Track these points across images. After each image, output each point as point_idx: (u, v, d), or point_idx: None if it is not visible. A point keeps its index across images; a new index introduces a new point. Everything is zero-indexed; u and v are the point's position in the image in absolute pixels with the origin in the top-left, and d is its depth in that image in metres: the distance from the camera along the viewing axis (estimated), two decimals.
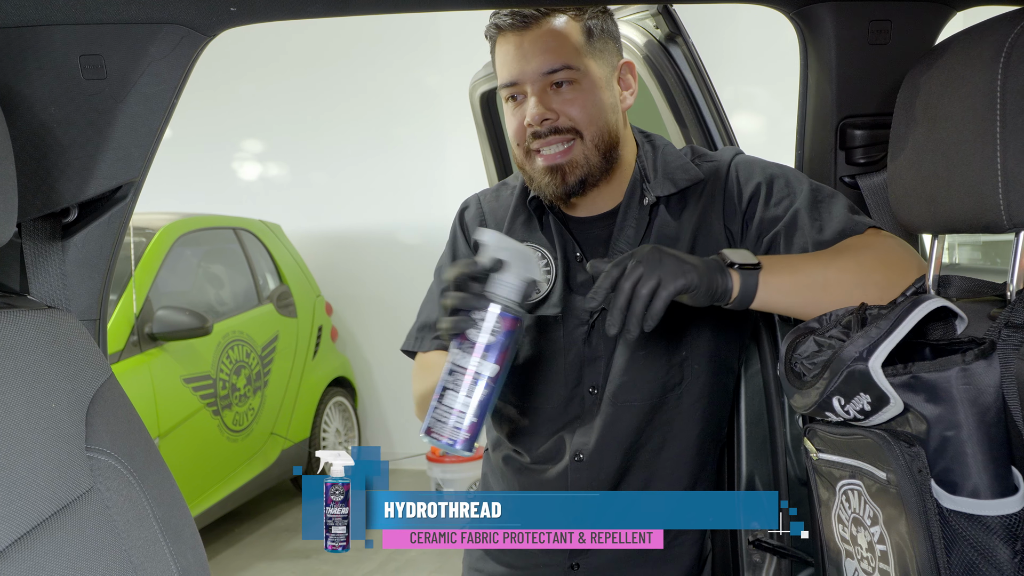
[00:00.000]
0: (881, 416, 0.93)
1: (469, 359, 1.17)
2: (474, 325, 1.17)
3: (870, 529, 0.98)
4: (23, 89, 1.25)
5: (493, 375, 1.17)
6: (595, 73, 1.39)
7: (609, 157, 1.41)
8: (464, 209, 1.60)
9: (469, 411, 1.17)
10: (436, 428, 1.19)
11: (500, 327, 1.16)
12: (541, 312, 1.46)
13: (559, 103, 1.37)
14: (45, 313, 1.17)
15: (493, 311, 1.17)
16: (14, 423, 1.01)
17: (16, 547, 0.94)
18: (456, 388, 1.17)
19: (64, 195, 1.30)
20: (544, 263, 1.47)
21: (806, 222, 1.30)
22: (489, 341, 1.16)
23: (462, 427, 1.17)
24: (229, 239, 5.04)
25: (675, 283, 1.09)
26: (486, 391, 1.17)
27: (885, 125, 1.25)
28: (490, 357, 1.17)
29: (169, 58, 1.27)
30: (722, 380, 1.48)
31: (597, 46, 1.40)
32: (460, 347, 1.18)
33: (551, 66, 1.36)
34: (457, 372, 1.18)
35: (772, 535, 1.60)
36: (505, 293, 1.18)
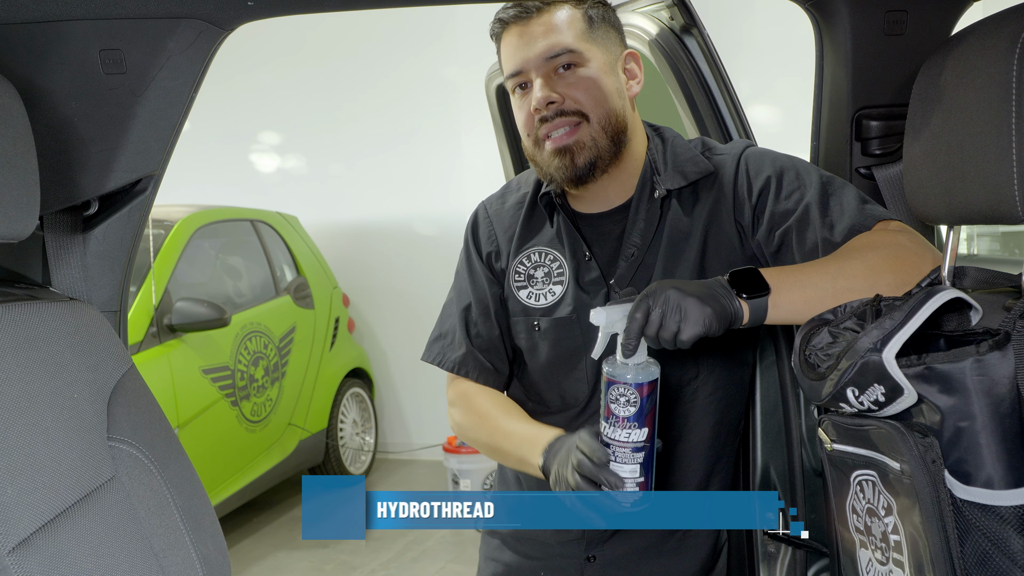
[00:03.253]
0: (895, 407, 0.93)
1: (620, 432, 1.18)
2: (614, 402, 1.18)
3: (884, 519, 0.99)
4: (44, 84, 1.26)
5: (647, 437, 1.18)
6: (599, 59, 1.40)
7: (617, 141, 1.41)
8: (475, 224, 1.60)
9: (637, 474, 1.19)
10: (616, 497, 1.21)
11: (639, 396, 1.17)
12: (556, 315, 1.47)
13: (564, 86, 1.38)
14: (67, 305, 1.19)
15: (627, 388, 1.17)
16: (38, 413, 1.03)
17: (40, 534, 0.96)
18: (618, 460, 1.19)
19: (85, 188, 1.31)
20: (557, 265, 1.48)
21: (817, 217, 1.30)
22: (633, 413, 1.17)
23: (636, 489, 1.20)
24: (247, 231, 5.07)
25: (693, 331, 1.13)
26: (645, 453, 1.19)
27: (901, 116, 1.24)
28: (640, 425, 1.18)
29: (188, 52, 1.28)
30: (737, 373, 1.48)
31: (599, 33, 1.41)
32: (608, 421, 1.19)
33: (554, 50, 1.37)
34: (614, 445, 1.19)
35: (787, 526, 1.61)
36: (632, 361, 1.17)
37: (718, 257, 1.39)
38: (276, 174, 6.56)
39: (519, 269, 1.52)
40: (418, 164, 6.02)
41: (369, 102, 6.11)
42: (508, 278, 1.52)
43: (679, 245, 1.41)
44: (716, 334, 1.15)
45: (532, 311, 1.49)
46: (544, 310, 1.48)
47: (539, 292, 1.49)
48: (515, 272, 1.52)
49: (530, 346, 1.51)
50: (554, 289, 1.48)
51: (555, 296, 1.48)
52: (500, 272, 1.55)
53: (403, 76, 6.01)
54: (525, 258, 1.52)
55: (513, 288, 1.51)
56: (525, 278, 1.51)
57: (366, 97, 6.12)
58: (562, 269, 1.48)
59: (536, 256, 1.51)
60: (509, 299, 1.53)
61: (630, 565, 1.49)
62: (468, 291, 1.56)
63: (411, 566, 4.30)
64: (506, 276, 1.53)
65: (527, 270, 1.51)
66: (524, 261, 1.52)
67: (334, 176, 6.33)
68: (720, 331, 1.15)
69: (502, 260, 1.55)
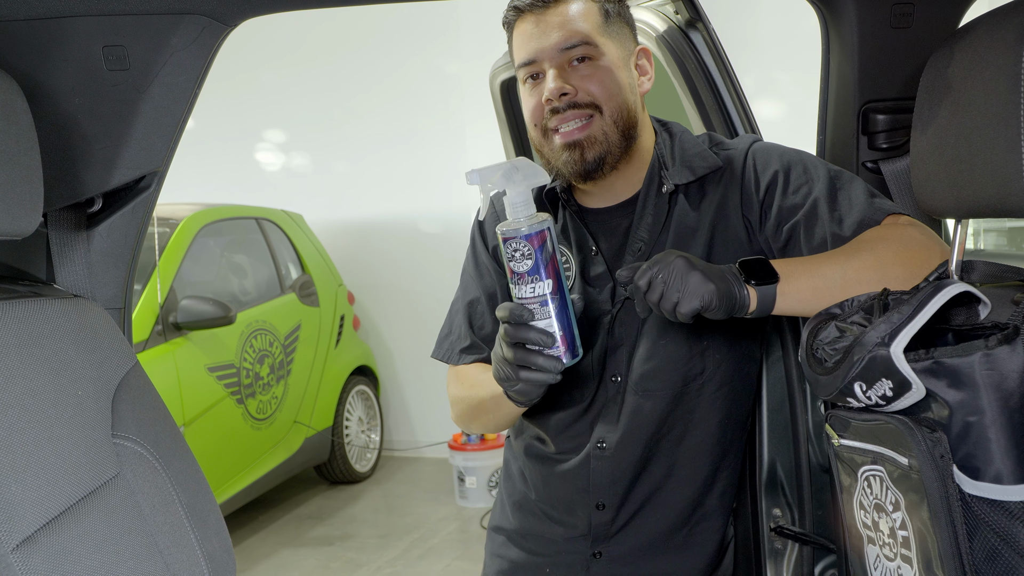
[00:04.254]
0: (903, 402, 0.92)
1: (525, 289, 1.19)
2: (511, 259, 1.19)
3: (892, 515, 0.98)
4: (47, 80, 1.26)
5: (552, 289, 1.19)
6: (613, 53, 1.39)
7: (628, 136, 1.40)
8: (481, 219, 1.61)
9: (554, 330, 1.20)
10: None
11: (531, 247, 1.17)
12: None
13: (577, 79, 1.37)
14: (71, 302, 1.19)
15: (519, 241, 1.18)
16: (42, 410, 1.03)
17: (45, 531, 0.96)
18: (535, 318, 1.20)
19: (89, 185, 1.31)
20: (563, 260, 1.47)
21: (825, 212, 1.29)
22: (530, 266, 1.18)
23: (556, 344, 1.20)
24: (252, 229, 5.07)
25: (692, 303, 1.12)
26: (556, 304, 1.19)
27: (908, 110, 1.24)
28: (541, 276, 1.18)
29: (191, 48, 1.28)
30: (744, 368, 1.48)
31: (614, 28, 1.40)
32: (512, 282, 1.20)
33: (570, 41, 1.36)
34: (525, 303, 1.20)
35: (794, 522, 1.60)
36: (519, 215, 1.18)
37: (725, 252, 1.38)
38: (281, 172, 6.57)
39: None
40: (422, 161, 6.02)
41: (373, 99, 6.11)
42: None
43: (686, 240, 1.41)
44: (718, 316, 1.14)
45: None
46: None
47: None
48: None
49: None
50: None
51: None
52: (500, 262, 1.55)
53: (407, 73, 6.01)
54: None
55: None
56: None
57: (370, 94, 6.12)
58: (568, 264, 1.47)
59: None
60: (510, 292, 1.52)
61: (636, 561, 1.49)
62: (473, 286, 1.56)
63: (417, 563, 4.30)
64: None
65: None
66: None
67: (339, 174, 6.33)
68: (723, 313, 1.14)
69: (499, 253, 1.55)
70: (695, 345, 1.42)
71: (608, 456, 1.44)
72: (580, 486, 1.47)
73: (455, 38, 5.70)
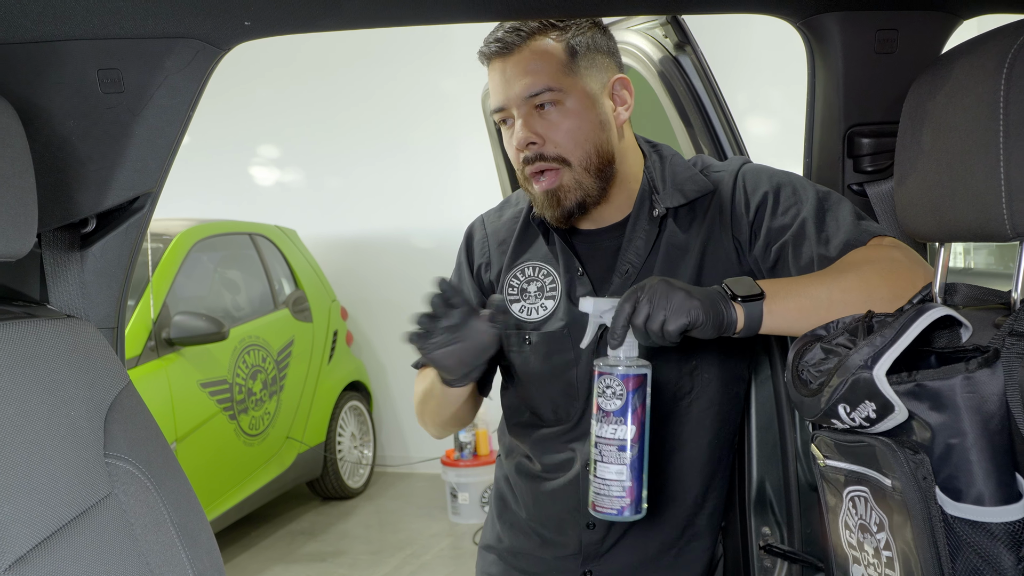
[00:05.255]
0: (886, 424, 0.94)
1: (606, 428, 1.18)
2: (601, 395, 1.18)
3: (876, 535, 0.99)
4: (42, 103, 1.27)
5: (634, 437, 1.18)
6: (581, 92, 1.38)
7: (603, 176, 1.41)
8: (470, 236, 1.63)
9: (623, 478, 1.18)
10: (600, 502, 1.20)
11: (625, 389, 1.17)
12: (547, 328, 1.48)
13: (543, 127, 1.37)
14: (64, 322, 1.20)
15: (614, 379, 1.17)
16: (34, 430, 1.03)
17: (37, 551, 0.97)
18: (604, 460, 1.19)
19: (83, 206, 1.32)
20: (550, 280, 1.49)
21: (813, 232, 1.30)
22: (619, 407, 1.17)
23: (623, 494, 1.19)
24: (245, 244, 5.08)
25: (679, 321, 1.12)
26: (634, 453, 1.18)
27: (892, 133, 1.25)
28: (626, 420, 1.17)
29: (185, 72, 1.29)
30: (732, 388, 1.49)
31: (583, 63, 1.39)
32: (596, 418, 1.19)
33: (532, 89, 1.36)
34: (601, 443, 1.19)
35: (783, 540, 1.61)
36: (621, 354, 1.18)
37: (715, 273, 1.40)
38: (274, 187, 6.58)
39: (513, 283, 1.52)
40: (415, 176, 6.04)
41: (366, 114, 6.13)
42: (502, 292, 1.53)
43: (675, 262, 1.42)
44: (707, 334, 1.15)
45: (524, 325, 1.50)
46: (535, 324, 1.49)
47: (531, 306, 1.50)
48: (508, 286, 1.53)
49: (521, 360, 1.51)
50: (546, 303, 1.49)
51: (547, 310, 1.48)
52: (489, 284, 1.57)
53: (400, 88, 6.04)
54: (519, 272, 1.53)
55: (507, 301, 1.52)
56: (518, 292, 1.51)
57: (363, 109, 6.14)
58: (555, 284, 1.48)
59: (530, 270, 1.52)
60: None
61: None
62: None
63: None
64: (498, 289, 1.54)
65: (520, 284, 1.52)
66: (518, 275, 1.53)
67: (332, 189, 6.34)
68: (712, 331, 1.14)
69: (492, 271, 1.57)
70: (684, 365, 1.43)
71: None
72: (570, 506, 1.48)
73: (448, 53, 5.73)
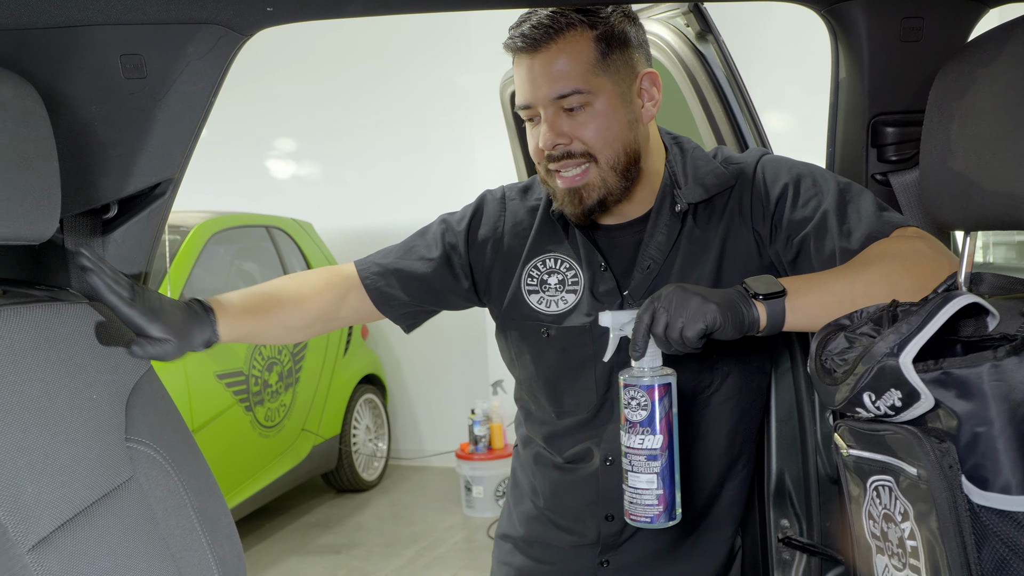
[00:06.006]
0: (912, 412, 0.93)
1: (634, 439, 1.19)
2: (627, 406, 1.19)
3: (900, 525, 0.98)
4: (65, 88, 1.27)
5: (662, 445, 1.18)
6: (610, 91, 1.34)
7: (628, 175, 1.38)
8: (485, 198, 1.59)
9: (654, 487, 1.19)
10: (633, 511, 1.21)
11: (650, 400, 1.17)
12: (569, 323, 1.46)
13: (571, 127, 1.34)
14: (87, 306, 1.20)
15: (638, 391, 1.18)
16: (58, 412, 1.04)
17: (60, 533, 0.97)
18: (634, 469, 1.20)
19: (105, 192, 1.32)
20: (572, 274, 1.48)
21: (834, 225, 1.29)
22: (645, 417, 1.18)
23: (655, 503, 1.19)
24: (262, 237, 5.09)
25: (697, 327, 1.11)
26: (664, 461, 1.19)
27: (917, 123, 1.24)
28: (654, 430, 1.18)
29: (207, 57, 1.29)
30: (753, 381, 1.48)
31: (613, 60, 1.35)
32: (624, 429, 1.20)
33: (560, 91, 1.32)
34: (630, 454, 1.19)
35: (802, 533, 1.60)
36: (644, 365, 1.18)
37: (735, 266, 1.39)
38: (291, 181, 6.59)
39: (532, 273, 1.50)
40: (431, 171, 6.04)
41: (383, 109, 6.14)
42: (520, 281, 1.51)
43: (696, 256, 1.40)
44: (729, 335, 1.14)
45: (542, 317, 1.48)
46: (555, 317, 1.47)
47: (551, 299, 1.48)
48: (528, 276, 1.50)
49: (536, 352, 1.50)
50: (567, 297, 1.47)
51: (567, 304, 1.46)
52: (488, 263, 1.54)
53: (417, 83, 6.04)
54: (540, 263, 1.50)
55: (524, 291, 1.50)
56: (537, 283, 1.49)
57: (380, 104, 6.15)
58: (577, 278, 1.46)
59: (551, 262, 1.49)
60: (513, 300, 1.51)
61: (644, 570, 1.49)
62: (421, 253, 1.57)
63: (423, 572, 4.30)
64: (516, 278, 1.51)
65: (540, 275, 1.49)
66: (538, 266, 1.50)
67: (348, 183, 6.35)
68: (734, 332, 1.14)
69: (496, 253, 1.53)
70: (704, 360, 1.42)
71: (616, 470, 1.44)
72: (590, 498, 1.48)
73: (465, 49, 5.72)
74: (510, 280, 1.52)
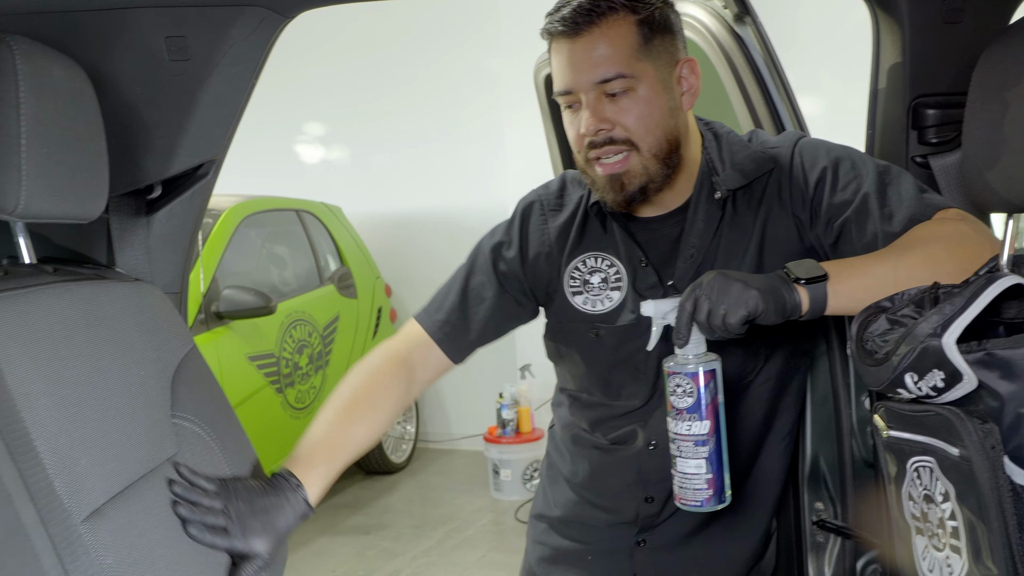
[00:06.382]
0: (954, 393, 0.93)
1: (681, 425, 1.20)
2: (673, 393, 1.20)
3: (941, 505, 0.99)
4: (110, 70, 1.29)
5: (710, 430, 1.19)
6: (652, 77, 1.32)
7: (669, 162, 1.36)
8: (526, 217, 1.56)
9: (703, 471, 1.20)
10: (683, 495, 1.23)
11: (696, 386, 1.18)
12: (619, 322, 1.45)
13: (614, 112, 1.32)
14: (133, 285, 1.23)
15: (684, 378, 1.18)
16: (108, 388, 1.06)
17: (111, 504, 0.99)
18: (683, 455, 1.21)
19: (149, 172, 1.35)
20: (614, 271, 1.47)
21: (875, 208, 1.28)
22: (691, 403, 1.19)
23: (704, 487, 1.21)
24: (292, 221, 5.13)
25: (739, 313, 1.11)
26: (711, 446, 1.20)
27: (958, 105, 1.23)
28: (701, 416, 1.19)
29: (250, 39, 1.31)
30: (792, 362, 1.48)
31: (655, 45, 1.32)
32: (671, 415, 1.21)
33: (603, 75, 1.30)
34: (678, 440, 1.21)
35: (836, 516, 1.61)
36: (688, 353, 1.19)
37: (776, 251, 1.38)
38: (320, 165, 6.63)
39: (574, 275, 1.49)
40: (460, 155, 6.05)
41: (413, 93, 6.14)
42: (562, 283, 1.50)
43: (737, 242, 1.40)
44: (771, 320, 1.14)
45: (591, 318, 1.47)
46: (603, 316, 1.46)
47: (595, 298, 1.47)
48: (570, 277, 1.49)
49: (586, 351, 1.49)
50: (611, 295, 1.46)
51: (613, 302, 1.45)
52: (548, 276, 1.52)
53: (446, 67, 6.04)
54: (580, 263, 1.49)
55: (568, 293, 1.49)
56: (580, 283, 1.48)
57: (409, 88, 6.15)
58: (619, 275, 1.45)
59: (592, 261, 1.48)
60: (560, 305, 1.50)
61: (680, 549, 1.50)
62: (476, 288, 1.56)
63: (452, 553, 4.34)
64: (560, 281, 1.50)
65: (582, 275, 1.48)
66: (579, 266, 1.49)
67: (377, 167, 6.38)
68: (776, 317, 1.14)
69: (551, 262, 1.51)
70: (746, 344, 1.41)
71: (659, 454, 1.44)
72: (630, 479, 1.49)
73: (495, 34, 5.71)
74: (556, 284, 1.51)
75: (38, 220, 1.05)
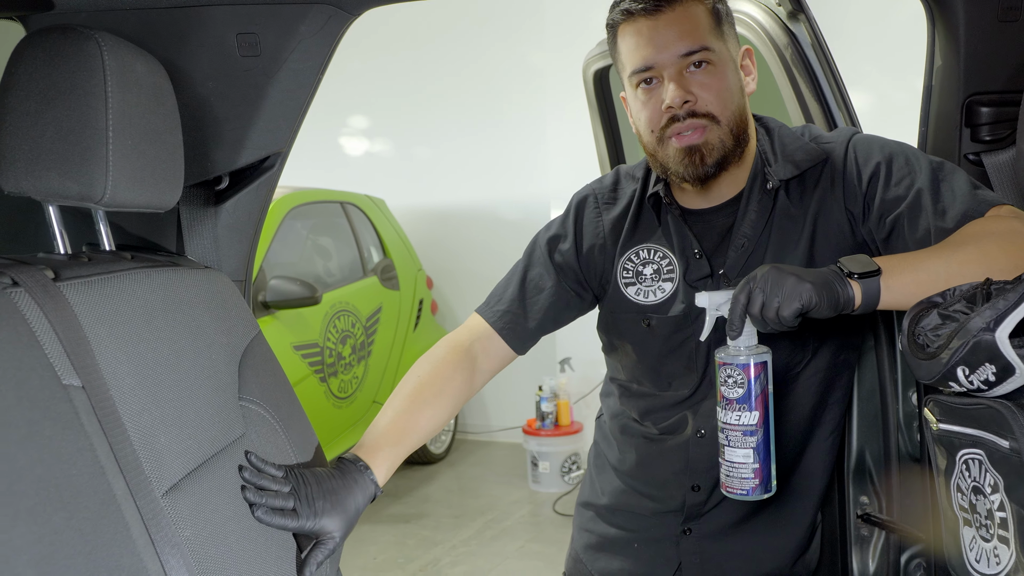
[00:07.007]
0: (1006, 387, 0.95)
1: (731, 415, 1.23)
2: (723, 383, 1.23)
3: (990, 497, 1.00)
4: (184, 65, 1.34)
5: (759, 421, 1.23)
6: (727, 56, 1.39)
7: (740, 140, 1.41)
8: (580, 210, 1.60)
9: (750, 461, 1.24)
10: (729, 483, 1.26)
11: (747, 377, 1.21)
12: (671, 313, 1.48)
13: (696, 86, 1.37)
14: (203, 272, 1.27)
15: (735, 369, 1.22)
16: (184, 370, 1.11)
17: (187, 481, 1.04)
18: (731, 444, 1.24)
19: (218, 164, 1.39)
20: (667, 263, 1.50)
21: (928, 204, 1.29)
22: (742, 394, 1.22)
23: (751, 476, 1.24)
24: (336, 213, 5.19)
25: (793, 306, 1.14)
26: (760, 436, 1.23)
27: (1012, 103, 1.25)
28: (750, 407, 1.22)
29: (318, 36, 1.35)
30: (841, 355, 1.50)
31: (724, 30, 1.40)
32: (721, 405, 1.24)
33: (689, 47, 1.36)
34: (727, 429, 1.24)
35: (881, 510, 1.62)
36: (740, 344, 1.22)
37: (827, 245, 1.40)
38: (364, 157, 6.69)
39: (627, 266, 1.53)
40: (503, 149, 6.08)
41: (456, 86, 6.19)
42: (615, 275, 1.54)
43: (789, 234, 1.42)
44: (824, 313, 1.16)
45: (643, 308, 1.51)
46: (655, 307, 1.49)
47: (648, 289, 1.50)
48: (623, 269, 1.53)
49: (638, 341, 1.53)
50: (664, 286, 1.49)
51: (665, 293, 1.49)
52: (602, 268, 1.56)
53: (490, 61, 6.07)
54: (633, 255, 1.52)
55: (620, 284, 1.53)
56: (633, 275, 1.52)
57: (453, 81, 6.20)
58: (672, 266, 1.49)
59: (645, 253, 1.52)
60: (613, 296, 1.54)
61: (726, 539, 1.52)
62: (535, 279, 1.60)
63: (491, 543, 4.38)
64: (612, 272, 1.54)
65: (635, 267, 1.52)
66: (632, 258, 1.52)
67: (420, 159, 6.43)
68: (829, 310, 1.16)
69: (607, 253, 1.55)
70: (796, 336, 1.43)
71: (707, 443, 1.47)
72: (678, 467, 1.51)
73: (539, 28, 5.73)
74: (609, 276, 1.55)
75: (121, 209, 1.10)
